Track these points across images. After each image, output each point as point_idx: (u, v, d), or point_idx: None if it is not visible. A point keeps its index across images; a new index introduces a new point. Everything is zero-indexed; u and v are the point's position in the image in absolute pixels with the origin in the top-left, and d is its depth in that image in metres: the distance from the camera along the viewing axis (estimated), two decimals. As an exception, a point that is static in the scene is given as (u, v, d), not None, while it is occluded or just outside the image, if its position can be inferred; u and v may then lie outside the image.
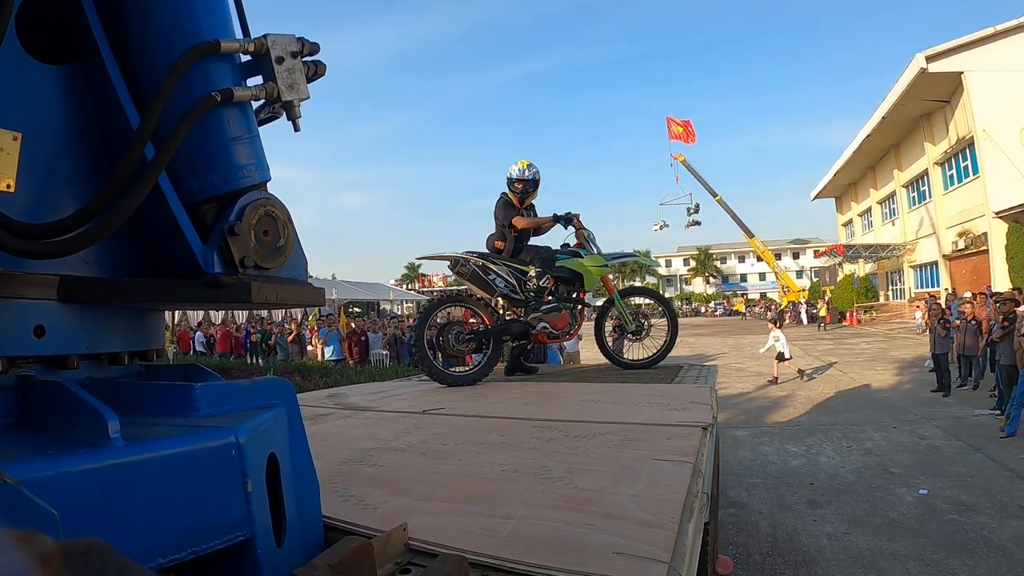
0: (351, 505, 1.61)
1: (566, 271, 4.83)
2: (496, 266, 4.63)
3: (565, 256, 4.89)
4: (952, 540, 4.74)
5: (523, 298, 4.68)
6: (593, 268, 4.91)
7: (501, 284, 4.61)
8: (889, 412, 9.63)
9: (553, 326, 4.72)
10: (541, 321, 4.67)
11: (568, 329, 4.84)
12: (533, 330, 4.69)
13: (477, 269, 4.56)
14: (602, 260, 5.00)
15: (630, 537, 1.30)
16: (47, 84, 1.16)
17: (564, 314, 4.79)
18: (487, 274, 4.59)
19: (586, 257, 4.94)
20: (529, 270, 4.73)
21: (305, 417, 1.38)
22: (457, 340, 4.58)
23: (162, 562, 0.95)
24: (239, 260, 1.21)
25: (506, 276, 4.63)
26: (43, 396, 1.09)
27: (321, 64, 1.36)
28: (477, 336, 4.63)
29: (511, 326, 4.73)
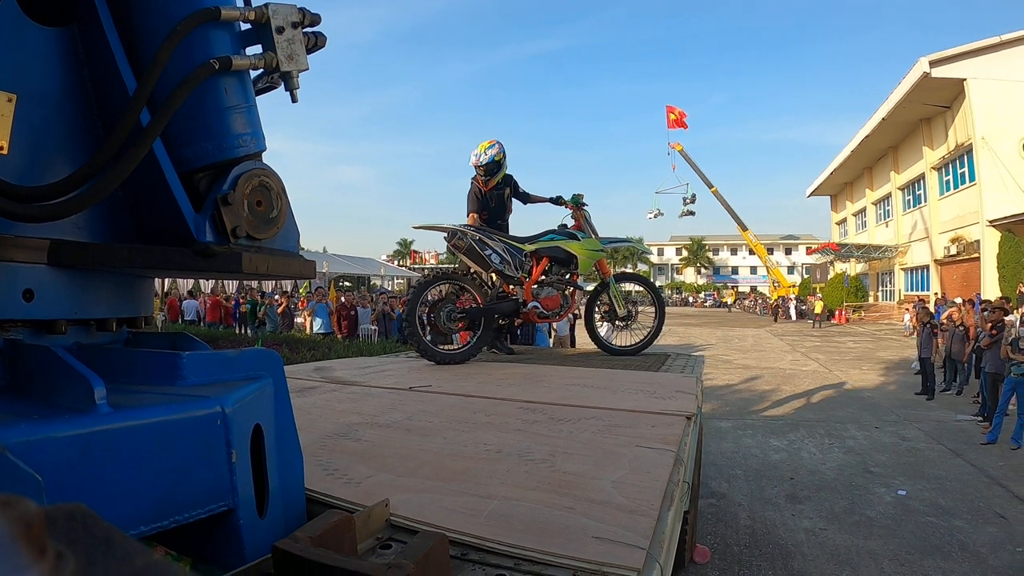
0: (334, 479, 1.61)
1: (561, 252, 4.81)
2: (493, 241, 4.58)
3: (562, 237, 4.87)
4: (927, 542, 4.81)
5: (516, 275, 4.64)
6: (589, 251, 4.91)
7: (496, 260, 4.55)
8: (872, 412, 9.73)
9: (544, 306, 4.72)
10: (532, 301, 4.68)
11: (559, 310, 4.83)
12: (524, 309, 4.68)
13: (474, 243, 4.50)
14: (598, 244, 5.00)
15: (610, 522, 1.31)
16: (44, 46, 1.14)
17: (556, 295, 4.80)
18: (483, 248, 4.53)
19: (583, 240, 4.92)
20: (525, 247, 4.70)
21: (291, 389, 1.39)
22: (449, 318, 4.54)
23: (145, 530, 0.95)
24: (231, 230, 1.20)
25: (502, 252, 4.57)
26: (30, 360, 1.08)
27: (322, 36, 1.35)
28: (469, 314, 4.58)
29: (502, 304, 4.68)
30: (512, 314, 4.77)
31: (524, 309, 4.68)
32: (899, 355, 17.22)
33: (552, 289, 4.81)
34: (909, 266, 33.11)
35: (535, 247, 4.75)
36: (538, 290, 4.77)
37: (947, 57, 24.99)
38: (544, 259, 4.77)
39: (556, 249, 4.80)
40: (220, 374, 1.22)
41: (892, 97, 28.54)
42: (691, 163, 38.78)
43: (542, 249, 4.77)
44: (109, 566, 0.33)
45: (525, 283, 4.69)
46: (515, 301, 4.68)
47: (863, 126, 33.10)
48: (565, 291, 4.91)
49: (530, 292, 4.70)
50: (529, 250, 4.71)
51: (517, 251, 4.66)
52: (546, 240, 4.83)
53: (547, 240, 4.83)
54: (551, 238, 4.85)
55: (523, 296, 4.68)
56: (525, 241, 4.77)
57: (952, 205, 27.83)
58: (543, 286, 4.80)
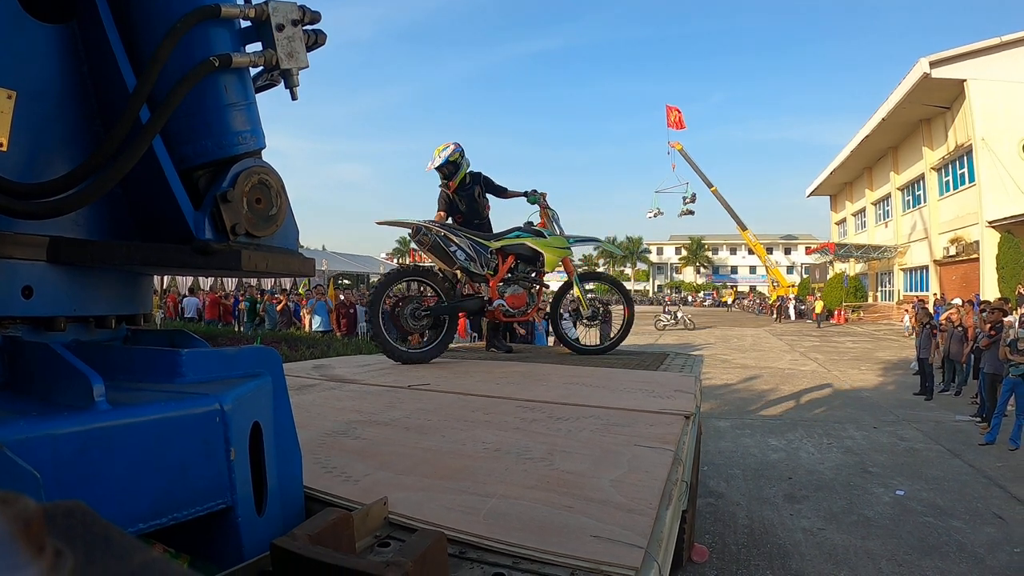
0: (333, 477, 1.61)
1: (527, 250, 4.75)
2: (459, 237, 4.49)
3: (528, 234, 4.81)
4: (925, 542, 4.82)
5: (482, 273, 4.56)
6: (555, 249, 4.84)
7: (462, 257, 4.46)
8: (871, 412, 9.74)
9: (510, 304, 4.67)
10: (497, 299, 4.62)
11: (525, 308, 4.79)
12: (489, 307, 4.62)
13: (439, 239, 4.39)
14: (564, 242, 4.93)
15: (608, 521, 1.31)
16: (43, 43, 1.14)
17: (522, 293, 4.75)
18: (448, 245, 4.42)
19: (549, 237, 4.86)
20: (491, 244, 4.62)
21: (290, 387, 1.39)
22: (413, 316, 4.42)
23: (143, 527, 0.95)
24: (230, 227, 1.21)
25: (467, 249, 4.48)
26: (29, 358, 1.08)
27: (322, 33, 1.34)
28: (434, 312, 4.47)
29: (468, 302, 4.62)
30: (478, 312, 4.73)
31: (490, 307, 4.62)
32: (898, 355, 17.23)
33: (518, 287, 4.76)
34: (908, 266, 33.14)
35: (501, 244, 4.69)
36: (504, 288, 4.72)
37: (947, 58, 25.01)
38: (510, 256, 4.71)
39: (522, 246, 4.74)
40: (219, 372, 1.21)
41: (892, 97, 28.55)
42: (691, 162, 38.82)
43: (508, 246, 4.71)
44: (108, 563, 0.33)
45: (491, 280, 4.63)
46: (481, 299, 4.63)
47: (863, 126, 33.12)
48: (531, 289, 4.87)
49: (496, 290, 4.65)
50: (495, 247, 4.65)
51: (483, 248, 4.58)
52: (512, 237, 4.77)
53: (513, 237, 4.77)
54: (517, 235, 4.79)
55: (489, 294, 4.62)
56: (491, 238, 4.72)
57: (952, 206, 27.85)
58: (509, 284, 4.75)
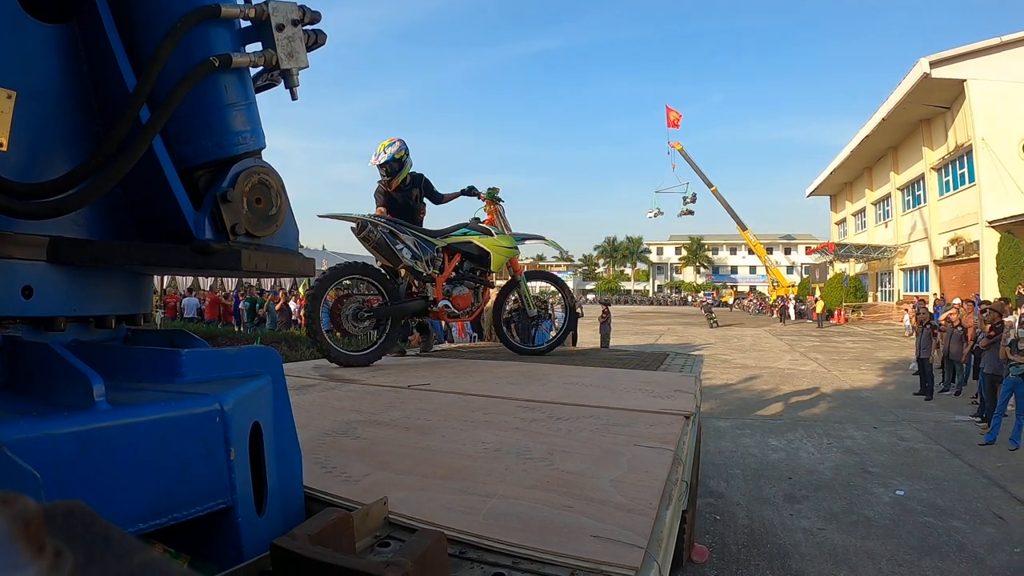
0: (333, 477, 1.61)
1: (474, 248, 4.59)
2: (404, 234, 4.29)
3: (475, 232, 4.66)
4: (925, 542, 4.82)
5: (428, 272, 4.37)
6: (502, 248, 4.70)
7: (408, 255, 4.27)
8: (871, 412, 9.74)
9: (455, 304, 4.51)
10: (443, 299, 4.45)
11: (470, 308, 4.65)
12: (434, 308, 4.44)
13: (384, 236, 4.20)
14: (512, 241, 4.79)
15: (608, 521, 1.31)
16: (44, 43, 1.14)
17: (468, 293, 4.61)
18: (394, 242, 4.22)
19: (496, 235, 4.71)
20: (437, 242, 4.44)
21: (290, 387, 1.39)
22: (355, 317, 4.19)
23: (143, 527, 0.95)
24: (230, 227, 1.21)
25: (413, 247, 4.29)
26: (29, 358, 1.08)
27: (322, 33, 1.35)
28: (376, 313, 4.26)
29: (411, 303, 4.40)
30: (422, 313, 4.53)
31: (434, 308, 4.44)
32: (898, 355, 17.23)
33: (464, 287, 4.60)
34: (908, 266, 33.12)
35: (447, 242, 4.52)
36: (449, 287, 4.54)
37: (947, 58, 25.00)
38: (457, 255, 4.55)
39: (469, 244, 4.58)
40: (219, 372, 1.21)
41: (892, 97, 28.54)
42: (691, 162, 38.89)
43: (454, 244, 4.55)
44: (107, 563, 0.33)
45: (437, 280, 4.45)
46: (425, 299, 4.44)
47: (863, 126, 33.10)
48: (477, 289, 4.72)
49: (441, 290, 4.47)
50: (441, 245, 4.47)
51: (429, 246, 4.40)
52: (459, 235, 4.62)
53: (460, 235, 4.62)
54: (464, 232, 4.64)
55: (434, 294, 4.43)
56: (437, 235, 4.52)
57: (952, 206, 27.83)
58: (455, 283, 4.58)
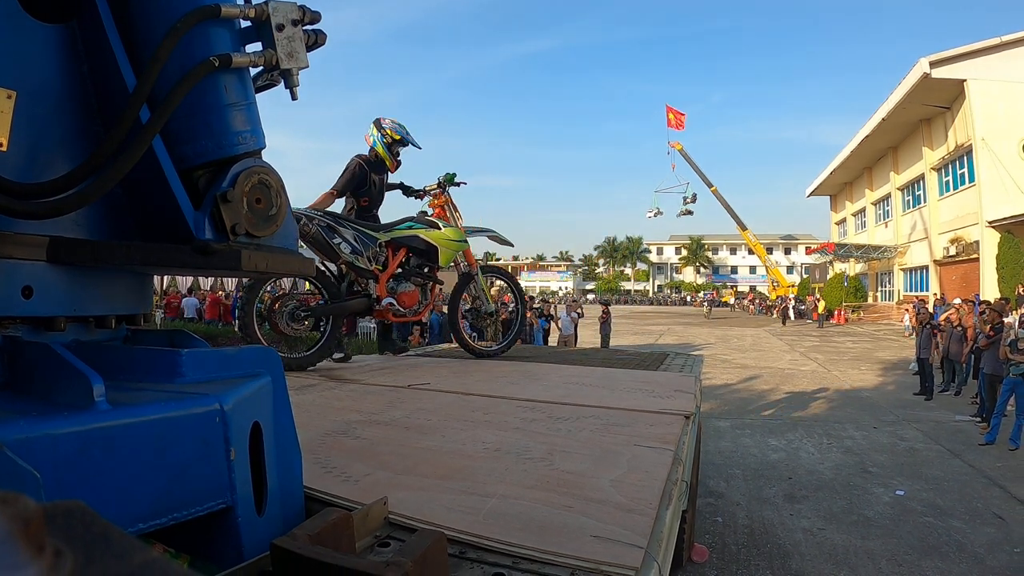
0: (333, 477, 1.61)
1: (420, 242, 4.32)
2: (343, 228, 4.06)
3: (421, 225, 4.39)
4: (925, 542, 4.82)
5: (370, 268, 4.15)
6: (450, 241, 4.44)
7: (347, 250, 4.04)
8: (871, 412, 9.74)
9: (401, 302, 4.26)
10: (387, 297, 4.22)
11: (417, 307, 4.40)
12: (378, 306, 4.20)
13: (321, 229, 3.96)
14: (461, 234, 4.52)
15: (608, 521, 1.31)
16: (44, 43, 1.13)
17: (414, 290, 4.35)
18: (332, 236, 3.99)
19: (444, 229, 4.44)
20: (380, 236, 4.20)
21: (290, 387, 1.39)
22: (292, 318, 3.89)
23: (143, 527, 0.95)
24: (230, 227, 1.21)
25: (353, 241, 4.06)
26: (29, 358, 1.08)
27: (322, 33, 1.34)
28: (315, 312, 4.00)
29: (352, 301, 4.17)
30: (365, 312, 4.31)
31: (378, 306, 4.20)
32: (898, 355, 17.23)
33: (410, 284, 4.34)
34: (908, 266, 33.11)
35: (391, 236, 4.26)
36: (394, 284, 4.29)
37: (947, 58, 24.99)
38: (402, 250, 4.30)
39: (414, 238, 4.32)
40: (219, 371, 1.21)
41: (892, 97, 28.54)
42: (691, 162, 38.92)
43: (399, 239, 4.29)
44: (107, 563, 0.33)
45: (380, 276, 4.22)
46: (368, 297, 4.20)
47: (863, 126, 33.10)
48: (425, 286, 4.48)
49: (385, 287, 4.24)
50: (384, 239, 4.23)
51: (370, 240, 4.16)
52: (403, 228, 4.35)
53: (405, 228, 4.35)
54: (409, 226, 4.37)
55: (376, 291, 4.21)
56: (380, 229, 4.27)
57: (952, 206, 27.82)
58: (400, 280, 4.32)
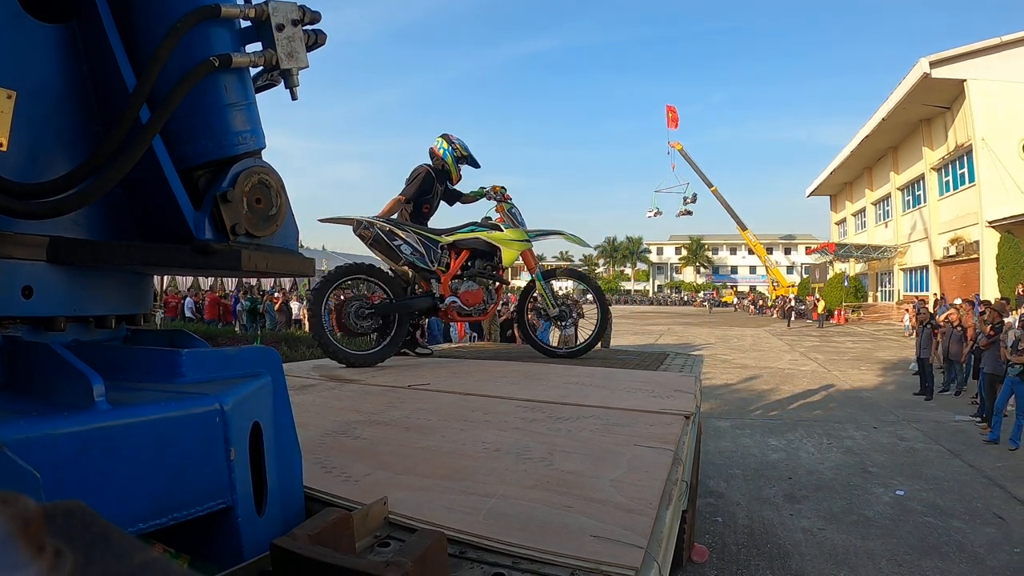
0: (333, 477, 1.61)
1: (482, 244, 4.50)
2: (404, 232, 4.24)
3: (483, 228, 4.57)
4: (925, 542, 4.82)
5: (431, 268, 4.32)
6: (512, 242, 4.58)
7: (407, 251, 4.22)
8: (871, 412, 9.74)
9: (464, 301, 4.39)
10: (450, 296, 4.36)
11: (482, 306, 4.52)
12: (441, 305, 4.35)
13: (382, 234, 4.16)
14: (523, 235, 4.65)
15: (608, 521, 1.31)
16: (44, 43, 1.13)
17: (478, 290, 4.48)
18: (392, 239, 4.18)
19: (507, 230, 4.60)
20: (442, 239, 4.39)
21: (290, 387, 1.39)
22: (358, 315, 4.14)
23: (143, 527, 0.95)
24: (230, 227, 1.21)
25: (414, 243, 4.25)
26: (29, 358, 1.08)
27: (322, 33, 1.34)
28: (379, 311, 4.20)
29: (417, 300, 4.33)
30: (429, 311, 4.45)
31: (442, 305, 4.35)
32: (898, 355, 17.23)
33: (473, 283, 4.47)
34: (908, 266, 33.12)
35: (453, 239, 4.45)
36: (457, 284, 4.43)
37: (947, 58, 25.00)
38: (464, 252, 4.46)
39: (476, 241, 4.49)
40: (219, 371, 1.21)
41: (892, 97, 28.54)
42: (691, 162, 38.93)
43: (461, 241, 4.47)
44: (107, 563, 0.33)
45: (443, 277, 4.37)
46: (431, 296, 4.34)
47: (863, 126, 33.11)
48: (489, 286, 4.58)
49: (448, 286, 4.38)
50: (446, 242, 4.42)
51: (432, 243, 4.34)
52: (466, 231, 4.52)
53: (467, 231, 4.53)
54: (472, 229, 4.55)
55: (440, 290, 4.35)
56: (442, 233, 4.46)
57: (952, 206, 27.83)
58: (463, 280, 4.46)
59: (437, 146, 5.00)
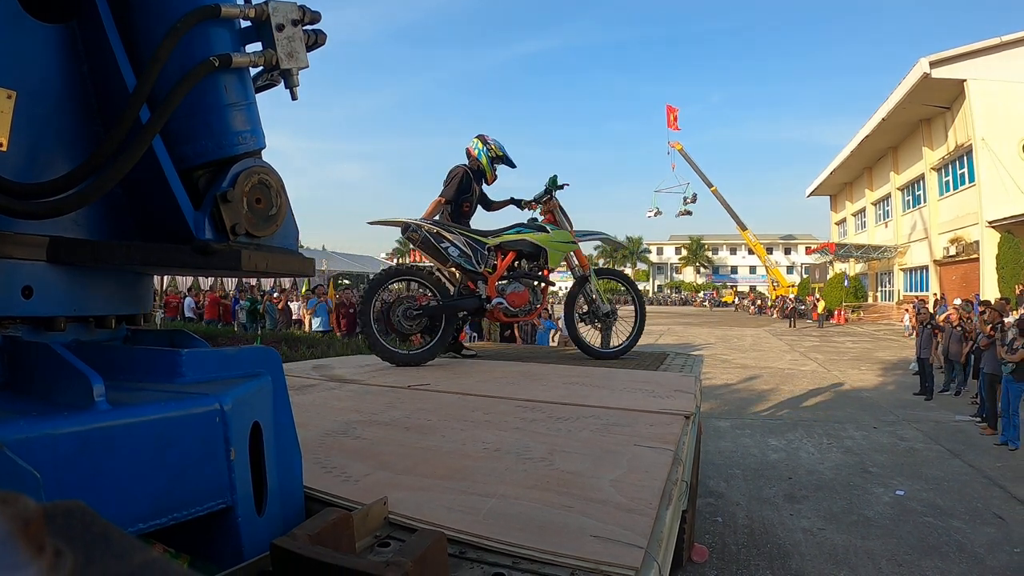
0: (333, 477, 1.61)
1: (528, 245, 4.48)
2: (451, 234, 4.28)
3: (529, 230, 4.56)
4: (925, 542, 4.82)
5: (478, 269, 4.34)
6: (558, 244, 4.58)
7: (455, 253, 4.25)
8: (871, 412, 9.74)
9: (511, 302, 4.40)
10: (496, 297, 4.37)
11: (528, 307, 4.51)
12: (488, 306, 4.36)
13: (429, 236, 4.20)
14: (569, 236, 4.66)
15: (608, 521, 1.31)
16: (44, 43, 1.13)
17: (524, 291, 4.47)
18: (440, 241, 4.22)
19: (552, 232, 4.60)
20: (489, 241, 4.41)
21: (290, 387, 1.39)
22: (405, 316, 4.20)
23: (143, 527, 0.95)
24: (230, 227, 1.20)
25: (461, 245, 4.28)
26: (29, 358, 1.08)
27: (322, 33, 1.34)
28: (427, 311, 4.23)
29: (464, 301, 4.34)
30: (476, 312, 4.46)
31: (488, 306, 4.36)
32: (898, 355, 17.24)
33: (520, 284, 4.47)
34: (908, 266, 33.13)
35: (499, 241, 4.46)
36: (504, 285, 4.46)
37: (947, 58, 25.02)
38: (510, 253, 4.46)
39: (522, 242, 4.48)
40: (219, 371, 1.21)
41: (892, 97, 28.56)
42: (691, 162, 38.91)
43: (507, 243, 4.47)
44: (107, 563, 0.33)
45: (489, 278, 4.39)
46: (478, 297, 4.36)
47: (863, 126, 33.11)
48: (535, 287, 4.58)
49: (494, 287, 4.39)
50: (493, 243, 4.42)
51: (479, 244, 4.37)
52: (512, 233, 4.53)
53: (513, 233, 4.53)
54: (518, 231, 4.54)
55: (486, 292, 4.36)
56: (489, 235, 4.47)
57: (952, 206, 27.84)
58: (510, 281, 4.48)
59: (472, 146, 5.11)
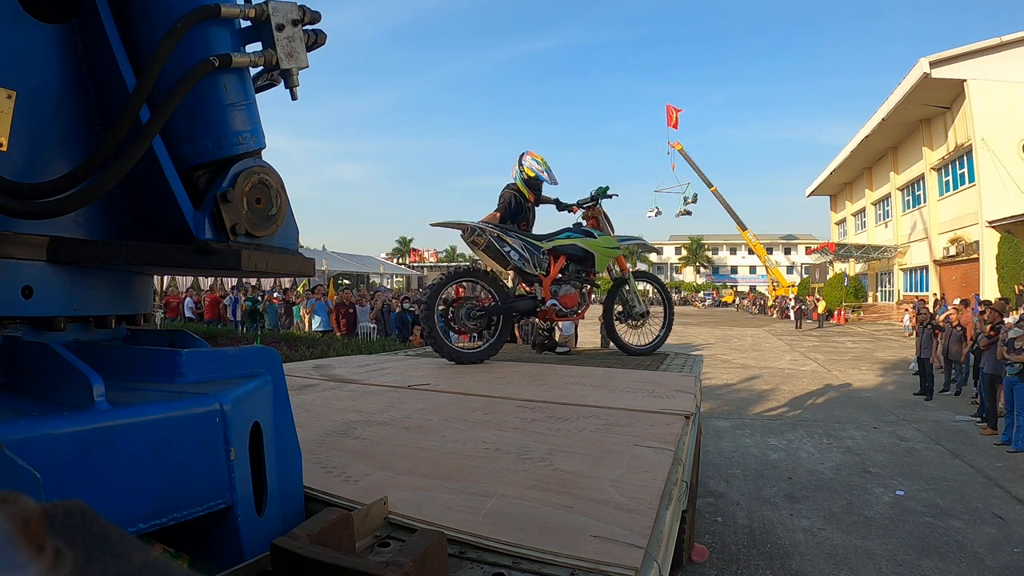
0: (333, 477, 1.61)
1: (578, 250, 4.79)
2: (511, 238, 4.52)
3: (578, 235, 4.85)
4: (925, 542, 4.82)
5: (535, 273, 4.60)
6: (605, 249, 4.89)
7: (515, 257, 4.50)
8: (871, 412, 9.74)
9: (563, 303, 4.71)
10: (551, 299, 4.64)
11: (577, 308, 4.84)
12: (542, 307, 4.63)
13: (493, 240, 4.43)
14: (614, 242, 4.97)
15: (608, 521, 1.31)
16: (44, 43, 1.13)
17: (574, 292, 4.80)
18: (502, 245, 4.46)
19: (599, 238, 4.90)
20: (543, 245, 4.66)
21: (290, 387, 1.39)
22: (468, 316, 4.48)
23: (143, 527, 0.95)
24: (230, 227, 1.20)
25: (520, 249, 4.52)
26: (29, 358, 1.08)
27: (322, 33, 1.34)
28: (488, 312, 4.51)
29: (521, 302, 4.61)
30: (531, 312, 4.71)
31: (543, 307, 4.64)
32: (898, 355, 17.24)
33: (570, 287, 4.79)
34: (908, 266, 33.13)
35: (552, 245, 4.72)
36: (556, 288, 4.75)
37: (947, 58, 25.04)
38: (562, 257, 4.75)
39: (573, 247, 4.78)
40: (219, 371, 1.21)
41: (892, 97, 28.56)
42: (691, 162, 38.89)
43: (559, 247, 4.75)
44: (107, 563, 0.33)
45: (543, 281, 4.66)
46: (534, 299, 4.64)
47: (863, 126, 33.12)
48: (582, 289, 4.90)
49: (548, 290, 4.67)
50: (546, 248, 4.68)
51: (535, 248, 4.61)
52: (563, 238, 4.80)
53: (564, 238, 4.80)
54: (568, 236, 4.83)
55: (542, 294, 4.64)
56: (542, 239, 4.73)
57: (951, 206, 27.85)
58: (561, 284, 4.78)
59: (513, 170, 5.25)
